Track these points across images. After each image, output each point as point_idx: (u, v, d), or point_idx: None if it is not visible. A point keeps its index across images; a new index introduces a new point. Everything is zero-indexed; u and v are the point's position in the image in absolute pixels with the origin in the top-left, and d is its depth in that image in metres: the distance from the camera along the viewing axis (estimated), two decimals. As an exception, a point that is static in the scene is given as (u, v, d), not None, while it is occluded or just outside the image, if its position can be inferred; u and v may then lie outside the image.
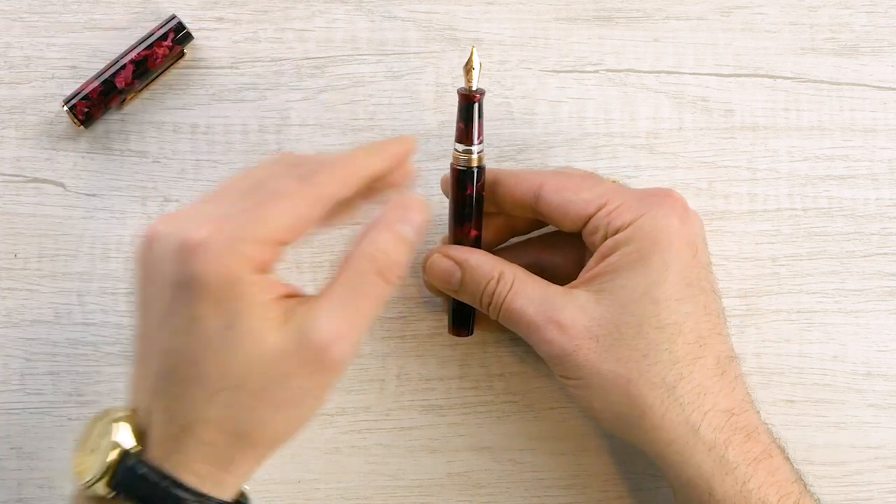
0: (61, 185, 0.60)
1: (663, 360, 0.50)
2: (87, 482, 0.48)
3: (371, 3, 0.61)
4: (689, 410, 0.50)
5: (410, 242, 0.50)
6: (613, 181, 0.55)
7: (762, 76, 0.62)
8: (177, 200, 0.60)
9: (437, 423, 0.61)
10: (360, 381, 0.61)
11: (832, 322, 0.61)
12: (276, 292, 0.48)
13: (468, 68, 0.55)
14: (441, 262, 0.55)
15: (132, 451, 0.48)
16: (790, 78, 0.62)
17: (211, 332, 0.47)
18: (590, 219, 0.52)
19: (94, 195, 0.60)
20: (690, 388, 0.50)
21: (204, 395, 0.47)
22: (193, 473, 0.47)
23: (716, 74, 0.62)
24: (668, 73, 0.62)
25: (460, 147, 0.56)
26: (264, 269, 0.47)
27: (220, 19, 0.61)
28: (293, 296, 0.48)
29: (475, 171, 0.56)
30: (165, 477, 0.47)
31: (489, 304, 0.54)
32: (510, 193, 0.55)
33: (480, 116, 0.55)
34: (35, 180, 0.60)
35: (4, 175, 0.60)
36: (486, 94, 0.61)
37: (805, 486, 0.52)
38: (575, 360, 0.50)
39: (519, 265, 0.55)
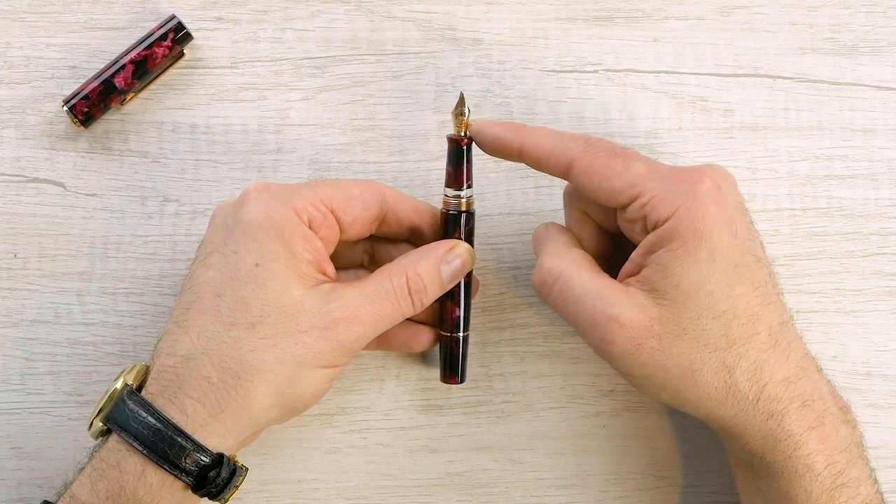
0: (61, 185, 0.60)
1: (722, 346, 0.51)
2: (88, 422, 0.52)
3: (371, 3, 0.61)
4: (749, 386, 0.51)
5: (444, 283, 0.55)
6: (641, 159, 0.54)
7: (762, 76, 0.62)
8: (176, 200, 0.60)
9: (437, 423, 0.61)
10: (360, 381, 0.61)
11: (832, 322, 0.61)
12: (316, 256, 0.53)
13: (457, 114, 0.56)
14: (538, 232, 0.57)
15: (127, 387, 0.51)
16: (790, 78, 0.62)
17: (243, 266, 0.52)
18: (623, 208, 0.53)
19: (93, 195, 0.60)
20: (748, 366, 0.51)
21: (217, 325, 0.51)
22: (182, 412, 0.49)
23: (715, 74, 0.62)
24: (667, 73, 0.62)
25: (450, 192, 0.56)
26: (310, 224, 0.53)
27: (220, 19, 0.61)
28: (331, 280, 0.54)
29: (464, 215, 0.56)
30: (151, 409, 0.49)
31: (540, 282, 0.54)
32: (537, 165, 0.55)
33: (469, 161, 0.56)
34: (35, 180, 0.60)
35: (4, 175, 0.60)
36: (487, 94, 0.61)
37: (857, 454, 0.53)
38: (638, 358, 0.51)
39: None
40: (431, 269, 0.54)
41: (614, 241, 0.57)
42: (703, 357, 0.51)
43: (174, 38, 0.59)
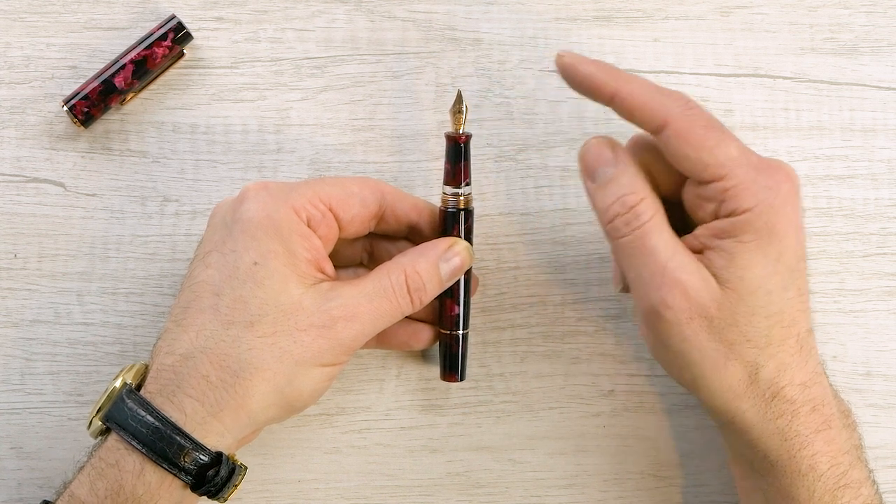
0: (61, 185, 0.60)
1: (761, 345, 0.50)
2: (87, 421, 0.52)
3: (371, 3, 0.61)
4: (768, 385, 0.51)
5: (442, 281, 0.55)
6: (734, 140, 0.51)
7: (762, 76, 0.62)
8: (176, 200, 0.60)
9: (437, 423, 0.61)
10: (360, 381, 0.61)
11: (832, 322, 0.61)
12: (315, 254, 0.53)
13: (455, 111, 0.56)
14: (602, 148, 0.52)
15: (126, 386, 0.51)
16: (790, 78, 0.62)
17: (241, 265, 0.52)
18: (702, 183, 0.51)
19: (93, 195, 0.60)
20: (774, 366, 0.51)
21: (215, 324, 0.51)
22: (181, 410, 0.49)
23: (715, 74, 0.62)
24: (667, 73, 0.62)
25: (448, 189, 0.57)
26: (309, 222, 0.52)
27: (220, 19, 0.61)
28: (330, 279, 0.54)
29: (463, 212, 0.56)
30: (150, 408, 0.49)
31: (622, 220, 0.51)
32: (628, 115, 0.52)
33: (467, 159, 0.56)
34: (35, 180, 0.60)
35: (4, 175, 0.60)
36: (487, 94, 0.61)
37: (857, 456, 0.53)
38: (683, 331, 0.50)
39: None
40: (430, 266, 0.54)
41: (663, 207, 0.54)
42: (742, 351, 0.50)
43: (174, 38, 0.59)
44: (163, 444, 0.49)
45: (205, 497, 0.52)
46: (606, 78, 0.51)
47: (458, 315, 0.57)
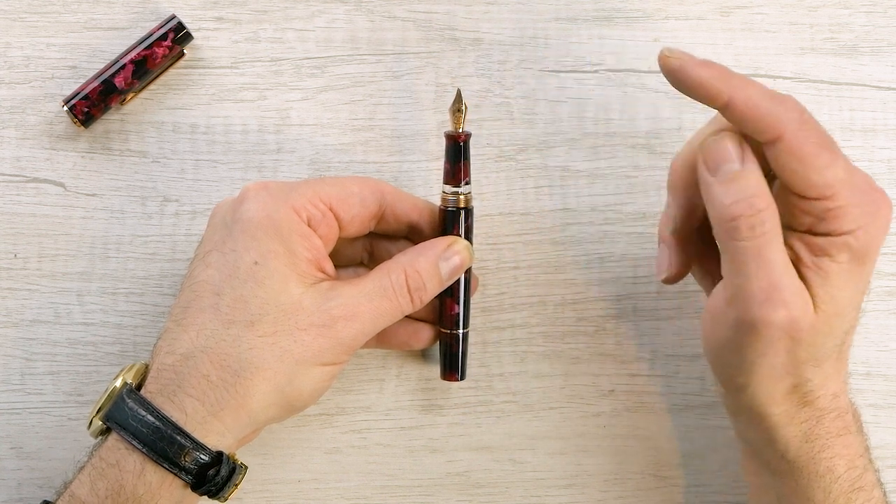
0: (61, 185, 0.60)
1: (821, 362, 0.50)
2: (88, 421, 0.52)
3: (371, 3, 0.61)
4: (806, 394, 0.51)
5: (442, 280, 0.55)
6: (842, 158, 0.49)
7: (762, 76, 0.62)
8: (176, 200, 0.60)
9: (437, 423, 0.61)
10: (360, 381, 0.61)
11: (832, 322, 0.61)
12: (315, 254, 0.53)
13: (454, 110, 0.56)
14: (729, 143, 0.49)
15: (126, 386, 0.51)
16: (790, 78, 0.62)
17: (242, 264, 0.52)
18: (805, 198, 0.49)
19: (93, 195, 0.60)
20: (819, 380, 0.51)
21: (216, 324, 0.51)
22: (181, 410, 0.49)
23: (715, 74, 0.62)
24: (667, 73, 0.61)
25: (448, 189, 0.57)
26: (309, 222, 0.52)
27: (220, 19, 0.61)
28: (330, 278, 0.54)
29: (463, 211, 0.57)
30: (150, 408, 0.49)
31: (746, 222, 0.48)
32: (740, 123, 0.49)
33: (467, 158, 0.57)
34: (35, 180, 0.60)
35: (4, 175, 0.60)
36: (487, 94, 0.61)
37: (869, 459, 0.54)
38: (766, 348, 0.49)
39: None
40: (430, 265, 0.54)
41: None
42: (804, 369, 0.50)
43: (174, 38, 0.59)
44: (163, 443, 0.49)
45: (205, 497, 0.52)
46: (720, 85, 0.48)
47: (459, 314, 0.57)
